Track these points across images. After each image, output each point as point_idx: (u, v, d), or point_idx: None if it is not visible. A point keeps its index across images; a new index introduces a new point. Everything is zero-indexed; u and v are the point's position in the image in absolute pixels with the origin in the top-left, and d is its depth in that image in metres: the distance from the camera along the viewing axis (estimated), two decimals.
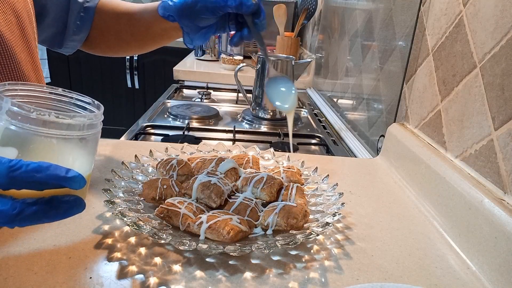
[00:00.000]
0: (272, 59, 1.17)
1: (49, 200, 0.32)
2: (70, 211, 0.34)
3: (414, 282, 0.46)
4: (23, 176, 0.30)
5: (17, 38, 0.55)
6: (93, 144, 0.38)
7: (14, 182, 0.30)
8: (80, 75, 2.86)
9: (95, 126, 0.37)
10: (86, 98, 0.40)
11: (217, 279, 0.43)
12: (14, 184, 0.30)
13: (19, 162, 0.30)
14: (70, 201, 0.33)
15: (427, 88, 0.72)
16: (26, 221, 0.32)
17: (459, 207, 0.55)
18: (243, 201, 0.54)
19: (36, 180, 0.31)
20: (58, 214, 0.33)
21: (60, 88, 0.38)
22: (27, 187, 0.31)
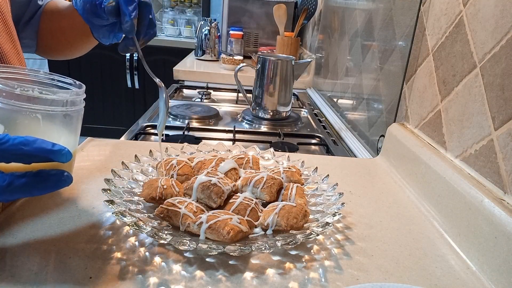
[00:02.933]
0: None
1: (37, 173, 0.33)
2: (58, 183, 0.34)
3: (414, 282, 0.46)
4: (10, 149, 0.31)
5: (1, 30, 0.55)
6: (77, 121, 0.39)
7: (2, 155, 0.31)
8: (80, 75, 2.86)
9: (78, 103, 0.38)
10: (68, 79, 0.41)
11: (217, 279, 0.43)
12: (2, 157, 0.31)
13: (6, 136, 0.31)
14: (57, 174, 0.34)
15: (427, 88, 0.72)
16: (16, 193, 0.33)
17: (459, 207, 0.55)
18: (243, 201, 0.54)
19: (24, 153, 0.32)
20: (47, 187, 0.34)
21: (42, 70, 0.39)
22: (15, 160, 0.32)
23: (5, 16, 0.57)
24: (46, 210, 0.54)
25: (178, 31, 3.16)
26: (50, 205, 0.55)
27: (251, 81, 1.25)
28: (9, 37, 0.57)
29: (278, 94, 1.18)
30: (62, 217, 0.52)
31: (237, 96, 1.48)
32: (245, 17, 2.15)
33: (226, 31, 2.15)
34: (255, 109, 1.22)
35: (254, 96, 1.22)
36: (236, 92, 1.50)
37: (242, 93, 1.26)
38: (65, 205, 0.55)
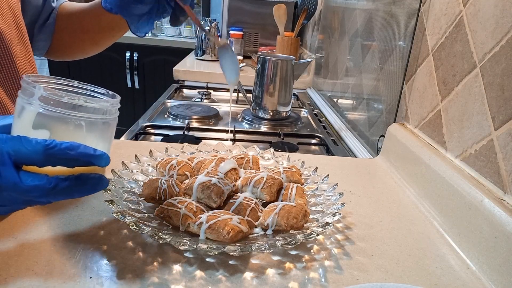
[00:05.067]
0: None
1: (78, 177, 0.35)
2: (96, 186, 0.37)
3: (414, 282, 0.46)
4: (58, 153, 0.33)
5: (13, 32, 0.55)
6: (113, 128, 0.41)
7: (50, 159, 0.33)
8: (80, 75, 2.86)
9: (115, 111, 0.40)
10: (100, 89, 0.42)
11: (217, 279, 0.43)
12: (50, 161, 0.34)
13: (53, 141, 0.34)
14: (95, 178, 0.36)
15: (427, 88, 0.72)
16: (60, 195, 0.35)
17: (459, 207, 0.55)
18: (243, 201, 0.54)
19: (69, 157, 0.34)
20: (86, 190, 0.36)
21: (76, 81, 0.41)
22: (60, 163, 0.34)
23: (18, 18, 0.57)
24: (46, 210, 0.54)
25: (178, 31, 3.16)
26: (50, 206, 0.55)
27: (251, 81, 1.25)
28: (20, 39, 0.57)
29: (278, 94, 1.18)
30: (62, 217, 0.52)
31: (237, 96, 1.48)
32: (245, 17, 2.15)
33: (226, 31, 2.15)
34: (255, 109, 1.22)
35: (254, 96, 1.22)
36: (236, 92, 1.50)
37: (242, 93, 1.26)
38: (65, 205, 0.55)
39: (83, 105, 0.37)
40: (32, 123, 0.36)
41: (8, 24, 0.54)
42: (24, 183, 0.33)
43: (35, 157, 0.33)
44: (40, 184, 0.33)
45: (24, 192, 0.33)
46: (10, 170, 0.33)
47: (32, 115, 0.36)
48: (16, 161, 0.33)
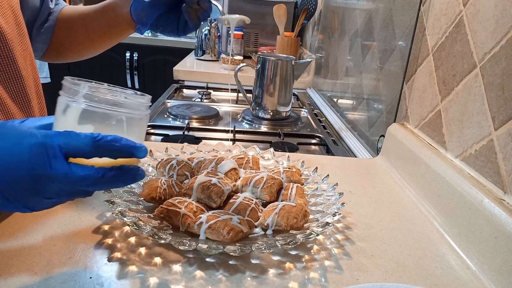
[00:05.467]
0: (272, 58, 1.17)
1: (120, 167, 0.38)
2: (136, 177, 0.39)
3: (414, 282, 0.46)
4: (104, 145, 0.36)
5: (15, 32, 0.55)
6: (146, 124, 0.45)
7: (97, 150, 0.36)
8: (80, 75, 2.85)
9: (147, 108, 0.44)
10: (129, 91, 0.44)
11: (217, 279, 0.43)
12: (98, 152, 0.36)
13: (99, 134, 0.36)
14: (135, 169, 0.39)
15: (427, 88, 0.72)
16: (106, 184, 0.37)
17: (459, 207, 0.55)
18: (243, 201, 0.54)
19: (114, 149, 0.37)
20: (128, 179, 0.38)
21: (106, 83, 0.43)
22: (106, 155, 0.37)
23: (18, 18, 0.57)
24: (46, 210, 0.54)
25: None
26: None
27: (251, 81, 1.25)
28: (21, 39, 0.57)
29: (278, 94, 1.18)
30: (62, 217, 0.53)
31: (237, 96, 1.48)
32: None
33: (226, 31, 2.15)
34: (255, 109, 1.22)
35: (254, 96, 1.22)
36: (236, 92, 1.50)
37: (242, 93, 1.26)
38: (65, 205, 0.55)
39: (123, 102, 0.40)
40: (77, 119, 0.39)
41: (9, 24, 0.53)
42: (75, 173, 0.35)
43: (85, 148, 0.36)
44: (90, 174, 0.36)
45: (76, 182, 0.35)
46: (62, 162, 0.35)
47: (78, 112, 0.39)
48: (67, 154, 0.36)
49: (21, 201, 0.36)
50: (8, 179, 0.35)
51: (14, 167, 0.34)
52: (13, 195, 0.35)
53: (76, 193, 0.38)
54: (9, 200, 0.36)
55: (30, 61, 0.59)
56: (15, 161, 0.34)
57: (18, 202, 0.36)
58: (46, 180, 0.35)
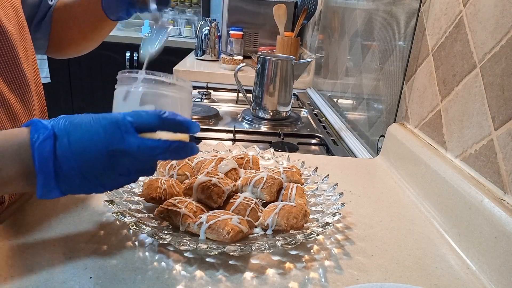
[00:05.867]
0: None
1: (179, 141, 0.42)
2: (194, 149, 0.44)
3: (414, 282, 0.46)
4: (168, 119, 0.41)
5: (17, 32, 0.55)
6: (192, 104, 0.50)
7: (163, 124, 0.41)
8: (80, 75, 2.86)
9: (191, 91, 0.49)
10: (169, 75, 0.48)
11: (217, 279, 0.43)
12: (163, 125, 0.41)
13: (162, 110, 0.41)
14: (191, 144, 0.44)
15: (427, 88, 0.72)
16: (172, 154, 0.41)
17: (459, 207, 0.55)
18: (243, 201, 0.54)
19: (176, 122, 0.42)
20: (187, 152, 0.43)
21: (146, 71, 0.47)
22: (169, 128, 0.42)
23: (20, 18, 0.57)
24: (46, 210, 0.54)
25: (178, 31, 3.16)
26: (50, 205, 0.55)
27: (251, 81, 1.25)
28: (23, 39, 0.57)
29: (278, 94, 1.18)
30: (62, 217, 0.52)
31: (237, 96, 1.48)
32: (245, 17, 2.15)
33: (226, 31, 2.15)
34: (255, 109, 1.22)
35: (254, 96, 1.22)
36: (236, 92, 1.50)
37: (242, 93, 1.26)
38: (65, 205, 0.55)
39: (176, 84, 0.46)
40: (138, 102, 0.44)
41: (12, 24, 0.53)
42: (147, 144, 0.40)
43: (153, 123, 0.40)
44: (159, 144, 0.40)
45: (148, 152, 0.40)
46: (134, 136, 0.39)
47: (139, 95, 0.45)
48: (137, 128, 0.40)
49: (97, 177, 0.40)
50: (87, 157, 0.38)
51: (92, 145, 0.38)
52: (91, 172, 0.39)
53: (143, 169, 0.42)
54: (87, 179, 0.39)
55: (32, 61, 0.59)
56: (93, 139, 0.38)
57: (94, 179, 0.40)
58: (121, 154, 0.39)
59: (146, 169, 0.42)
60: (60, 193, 0.40)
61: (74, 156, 0.38)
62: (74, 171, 0.39)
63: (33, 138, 0.38)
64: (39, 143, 0.38)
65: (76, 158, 0.38)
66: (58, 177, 0.39)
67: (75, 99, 2.97)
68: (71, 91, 2.94)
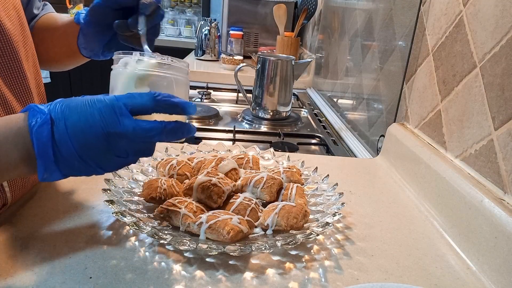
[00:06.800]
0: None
1: (176, 121, 0.42)
2: (190, 130, 0.44)
3: (414, 282, 0.46)
4: (163, 100, 0.41)
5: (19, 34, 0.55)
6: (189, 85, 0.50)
7: (157, 105, 0.41)
8: (80, 75, 2.86)
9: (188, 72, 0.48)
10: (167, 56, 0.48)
11: (217, 279, 0.43)
12: (157, 107, 0.41)
13: (157, 92, 0.41)
14: (186, 124, 0.44)
15: (427, 88, 0.72)
16: (168, 134, 0.41)
17: (459, 207, 0.55)
18: (243, 201, 0.54)
19: (171, 104, 0.41)
20: (183, 132, 0.43)
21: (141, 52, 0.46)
22: (164, 110, 0.42)
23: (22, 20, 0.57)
24: (46, 210, 0.54)
25: (178, 31, 3.16)
26: (50, 205, 0.55)
27: (251, 81, 1.25)
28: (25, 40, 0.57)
29: (278, 94, 1.18)
30: (62, 217, 0.52)
31: (237, 96, 1.48)
32: (245, 17, 2.15)
33: (226, 31, 2.15)
34: (255, 109, 1.22)
35: (254, 96, 1.22)
36: (236, 92, 1.50)
37: (242, 93, 1.26)
38: (65, 205, 0.55)
39: (171, 65, 0.45)
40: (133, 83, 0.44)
41: (14, 25, 0.53)
42: (142, 126, 0.40)
43: (147, 104, 0.40)
44: (154, 125, 0.40)
45: (143, 133, 0.40)
46: (129, 118, 0.40)
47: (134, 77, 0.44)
48: (132, 111, 0.40)
49: (95, 160, 0.40)
50: (84, 141, 0.39)
51: (88, 128, 0.39)
52: (88, 155, 0.40)
53: (140, 150, 0.42)
54: (85, 161, 0.40)
55: (33, 62, 0.59)
56: (89, 123, 0.39)
57: (92, 162, 0.40)
58: (117, 136, 0.40)
59: (143, 150, 0.43)
60: (62, 175, 0.41)
61: (71, 140, 0.39)
62: (72, 154, 0.39)
63: (31, 124, 0.39)
64: (36, 128, 0.38)
65: (73, 142, 0.39)
66: (57, 160, 0.39)
67: None
68: (71, 91, 2.94)
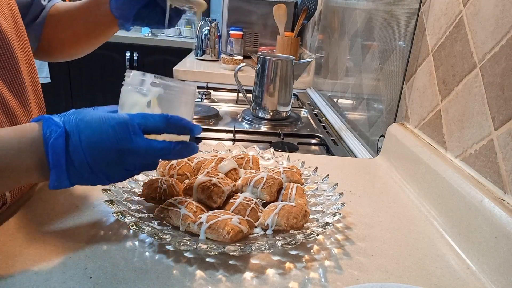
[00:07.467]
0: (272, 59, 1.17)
1: (182, 142, 0.45)
2: (195, 149, 0.47)
3: (414, 282, 0.46)
4: (174, 122, 0.44)
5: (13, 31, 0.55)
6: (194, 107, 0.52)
7: (169, 127, 0.44)
8: (80, 75, 2.86)
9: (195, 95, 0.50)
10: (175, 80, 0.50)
11: (217, 279, 0.43)
12: (169, 129, 0.44)
13: (168, 114, 0.44)
14: (191, 144, 0.47)
15: (427, 88, 0.72)
16: (176, 154, 0.45)
17: (459, 207, 0.55)
18: (243, 201, 0.54)
19: (181, 126, 0.45)
20: (188, 152, 0.46)
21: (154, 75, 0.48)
22: (174, 131, 0.45)
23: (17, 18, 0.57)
24: (46, 210, 0.54)
25: (178, 31, 3.16)
26: (50, 205, 0.55)
27: (251, 81, 1.25)
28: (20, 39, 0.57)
29: (278, 94, 1.18)
30: (62, 217, 0.52)
31: (237, 96, 1.48)
32: (245, 17, 2.15)
33: (226, 31, 2.15)
34: (255, 109, 1.22)
35: (254, 96, 1.22)
36: (236, 92, 1.50)
37: (242, 93, 1.26)
38: (65, 205, 0.55)
39: (185, 89, 0.48)
40: (146, 104, 0.46)
41: (8, 23, 0.53)
42: (154, 146, 0.43)
43: (160, 126, 0.43)
44: (165, 146, 0.43)
45: (155, 152, 0.43)
46: (142, 137, 0.42)
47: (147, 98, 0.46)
48: (144, 131, 0.42)
49: (105, 172, 0.42)
50: (97, 153, 0.41)
51: (102, 143, 0.41)
52: (99, 167, 0.42)
53: (147, 165, 0.45)
54: (95, 173, 0.42)
55: (28, 60, 0.59)
56: (103, 137, 0.41)
57: (102, 174, 0.42)
58: (129, 153, 0.42)
59: (150, 165, 0.46)
60: (70, 184, 0.43)
61: (85, 153, 0.41)
62: (84, 166, 0.41)
63: (45, 134, 0.40)
64: (52, 140, 0.40)
65: (86, 155, 0.41)
66: (69, 171, 0.41)
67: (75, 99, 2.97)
68: (71, 91, 2.94)
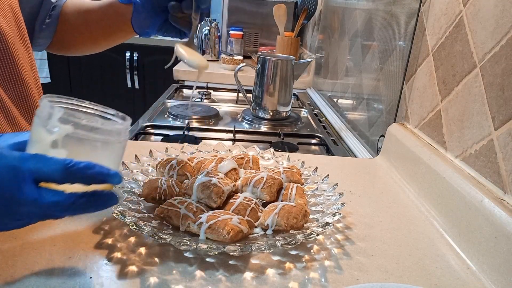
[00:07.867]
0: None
1: (92, 193, 0.37)
2: (109, 202, 0.38)
3: (414, 282, 0.46)
4: (76, 172, 0.35)
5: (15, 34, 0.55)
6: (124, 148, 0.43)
7: (69, 177, 0.35)
8: (80, 75, 2.86)
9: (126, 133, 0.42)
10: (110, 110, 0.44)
11: (217, 279, 0.43)
12: (69, 179, 0.35)
13: (72, 161, 0.35)
14: (108, 194, 0.38)
15: (427, 88, 0.72)
16: (76, 210, 0.37)
17: (459, 207, 0.55)
18: (243, 201, 0.54)
19: (86, 176, 0.36)
20: (99, 205, 0.38)
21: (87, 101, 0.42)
22: (78, 181, 0.36)
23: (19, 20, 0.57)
24: None
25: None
26: None
27: (251, 81, 1.25)
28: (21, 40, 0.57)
29: (278, 94, 1.18)
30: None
31: (237, 96, 1.48)
32: (245, 17, 2.15)
33: (226, 31, 2.15)
34: (255, 109, 1.22)
35: (254, 96, 1.22)
36: (236, 92, 1.50)
37: (242, 93, 1.26)
38: None
39: (99, 128, 0.38)
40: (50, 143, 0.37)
41: (10, 26, 0.53)
42: (45, 199, 0.35)
43: (56, 174, 0.35)
44: (60, 200, 0.35)
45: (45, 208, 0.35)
46: (31, 187, 0.34)
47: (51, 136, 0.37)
48: (37, 179, 0.35)
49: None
50: None
51: None
52: None
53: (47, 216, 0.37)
54: None
55: (30, 63, 0.59)
56: None
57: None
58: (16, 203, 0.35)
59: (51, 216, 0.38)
60: None
61: None
62: None
63: None
64: None
65: None
66: None
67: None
68: (71, 91, 2.94)
